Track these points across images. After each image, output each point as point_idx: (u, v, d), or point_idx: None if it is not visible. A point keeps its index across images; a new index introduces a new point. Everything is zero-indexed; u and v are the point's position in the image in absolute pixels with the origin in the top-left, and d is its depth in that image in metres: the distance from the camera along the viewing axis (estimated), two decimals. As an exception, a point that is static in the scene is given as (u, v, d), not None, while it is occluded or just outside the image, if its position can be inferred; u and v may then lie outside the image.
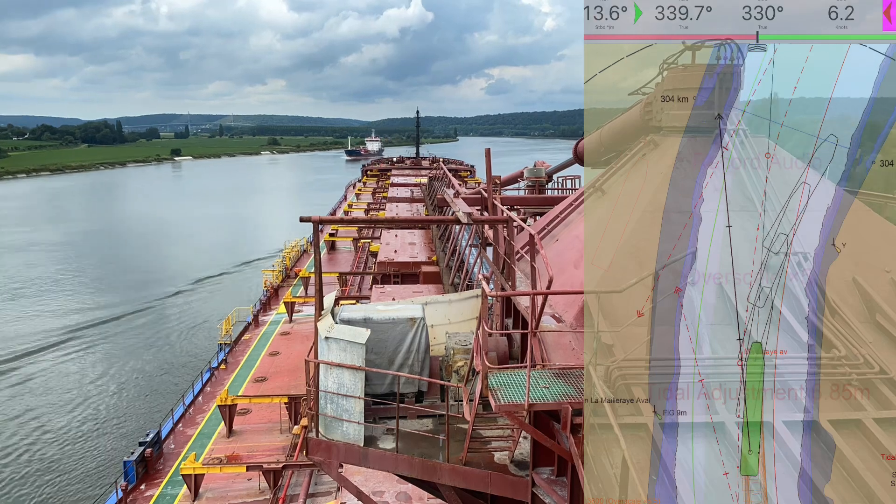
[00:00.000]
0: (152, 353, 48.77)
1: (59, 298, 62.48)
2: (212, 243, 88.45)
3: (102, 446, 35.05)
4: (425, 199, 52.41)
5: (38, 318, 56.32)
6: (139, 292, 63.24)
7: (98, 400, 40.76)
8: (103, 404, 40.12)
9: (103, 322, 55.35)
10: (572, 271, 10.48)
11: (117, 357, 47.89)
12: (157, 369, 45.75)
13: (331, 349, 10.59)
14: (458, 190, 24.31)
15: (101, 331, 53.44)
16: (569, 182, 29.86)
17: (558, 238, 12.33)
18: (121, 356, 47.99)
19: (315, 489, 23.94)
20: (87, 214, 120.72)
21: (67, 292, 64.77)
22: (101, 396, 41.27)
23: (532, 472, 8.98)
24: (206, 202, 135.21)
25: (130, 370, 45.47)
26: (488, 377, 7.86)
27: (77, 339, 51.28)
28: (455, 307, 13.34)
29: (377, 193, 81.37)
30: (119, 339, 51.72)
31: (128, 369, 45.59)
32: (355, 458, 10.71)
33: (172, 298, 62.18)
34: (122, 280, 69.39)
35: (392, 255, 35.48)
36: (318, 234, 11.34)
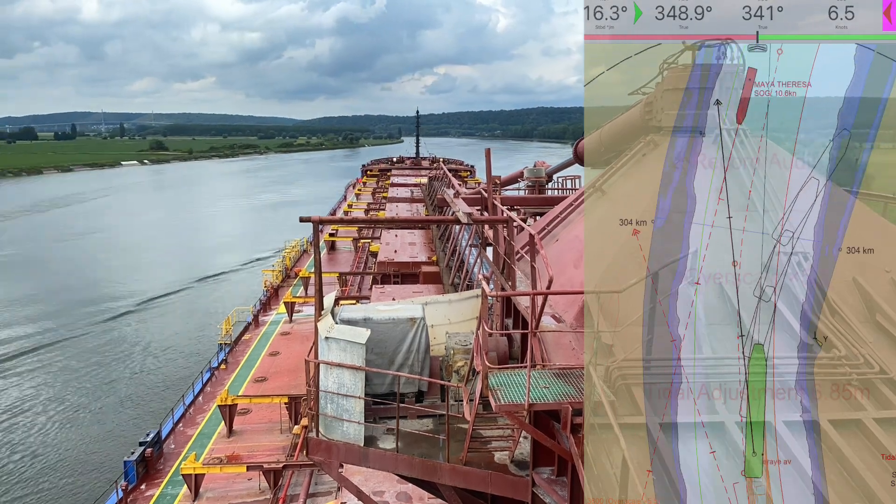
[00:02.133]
0: (152, 352, 48.77)
1: (55, 300, 62.48)
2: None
3: (102, 446, 35.05)
4: (425, 199, 52.41)
5: (37, 318, 56.37)
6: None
7: (98, 400, 40.77)
8: (103, 404, 40.13)
9: (101, 322, 55.42)
10: (572, 271, 10.49)
11: (117, 357, 47.89)
12: (157, 369, 45.75)
13: (331, 349, 10.59)
14: (458, 190, 24.32)
15: (99, 332, 53.48)
16: (569, 182, 29.85)
17: (558, 238, 12.34)
18: (121, 356, 47.99)
19: (315, 489, 23.94)
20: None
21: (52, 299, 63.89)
22: (101, 396, 41.28)
23: (532, 472, 8.98)
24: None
25: (130, 370, 45.48)
26: (488, 377, 7.86)
27: (77, 340, 51.29)
28: (455, 307, 13.34)
29: (377, 193, 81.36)
30: (119, 338, 51.73)
31: (128, 369, 45.60)
32: (355, 458, 10.71)
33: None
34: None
35: (392, 255, 35.47)
36: (318, 234, 11.34)
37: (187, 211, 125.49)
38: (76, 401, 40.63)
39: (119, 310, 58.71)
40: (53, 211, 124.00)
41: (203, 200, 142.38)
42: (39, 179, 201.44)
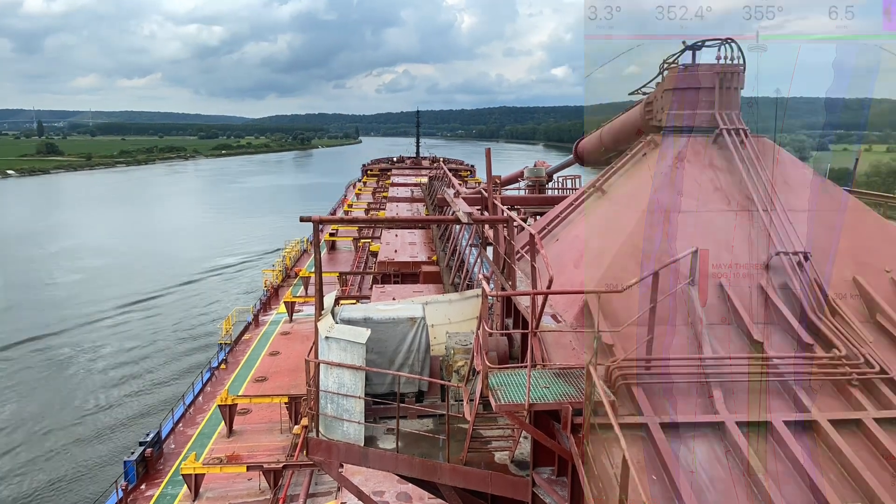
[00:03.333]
0: (152, 352, 48.75)
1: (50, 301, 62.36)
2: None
3: (103, 446, 35.06)
4: (425, 199, 52.41)
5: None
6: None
7: (98, 399, 40.76)
8: (103, 404, 40.11)
9: (100, 321, 55.40)
10: (572, 271, 10.48)
11: (117, 357, 47.87)
12: (156, 369, 45.73)
13: (331, 349, 10.59)
14: (458, 190, 24.30)
15: (98, 330, 53.47)
16: (569, 182, 29.83)
17: (558, 238, 12.33)
18: (119, 356, 47.98)
19: (315, 489, 23.95)
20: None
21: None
22: (101, 396, 41.27)
23: (532, 471, 8.98)
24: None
25: (130, 370, 45.47)
26: (488, 377, 7.86)
27: (75, 339, 51.29)
28: (455, 307, 13.34)
29: (377, 193, 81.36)
30: (117, 339, 51.72)
31: (127, 369, 45.59)
32: (355, 458, 10.71)
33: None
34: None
35: (392, 255, 35.48)
36: (319, 234, 11.33)
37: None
38: (76, 400, 40.62)
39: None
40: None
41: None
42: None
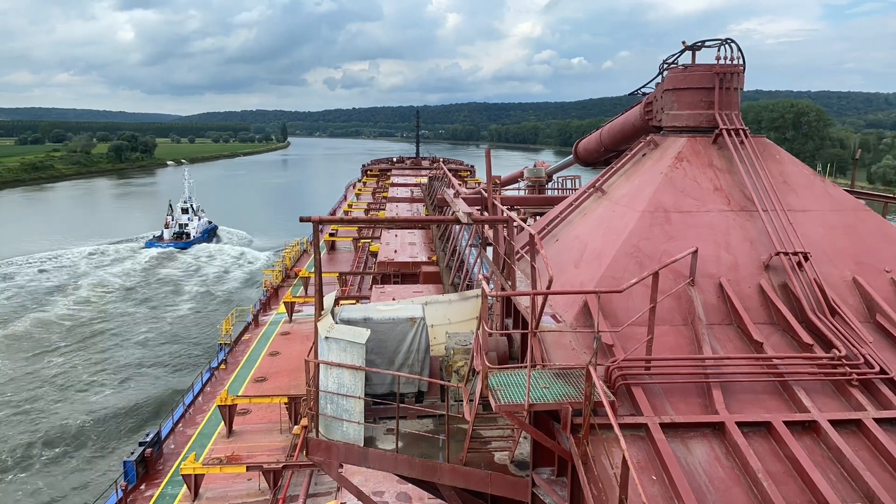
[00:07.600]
0: (151, 352, 48.75)
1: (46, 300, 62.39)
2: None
3: (102, 446, 35.05)
4: (425, 199, 52.41)
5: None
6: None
7: (98, 399, 40.74)
8: (103, 404, 40.09)
9: (99, 321, 55.39)
10: (572, 271, 10.48)
11: (116, 356, 47.87)
12: (156, 368, 45.73)
13: (331, 349, 10.58)
14: (458, 190, 24.28)
15: (97, 331, 53.46)
16: (569, 182, 29.80)
17: (558, 238, 12.32)
18: (119, 355, 47.98)
19: (315, 489, 23.94)
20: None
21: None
22: (100, 396, 41.26)
23: (532, 472, 8.97)
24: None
25: (129, 370, 45.47)
26: (488, 377, 7.85)
27: (74, 339, 51.29)
28: (455, 307, 13.32)
29: (377, 193, 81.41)
30: (117, 339, 51.71)
31: (126, 369, 45.59)
32: (355, 459, 10.70)
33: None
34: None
35: (392, 255, 35.49)
36: (318, 234, 11.32)
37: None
38: (76, 400, 40.62)
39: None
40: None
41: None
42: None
